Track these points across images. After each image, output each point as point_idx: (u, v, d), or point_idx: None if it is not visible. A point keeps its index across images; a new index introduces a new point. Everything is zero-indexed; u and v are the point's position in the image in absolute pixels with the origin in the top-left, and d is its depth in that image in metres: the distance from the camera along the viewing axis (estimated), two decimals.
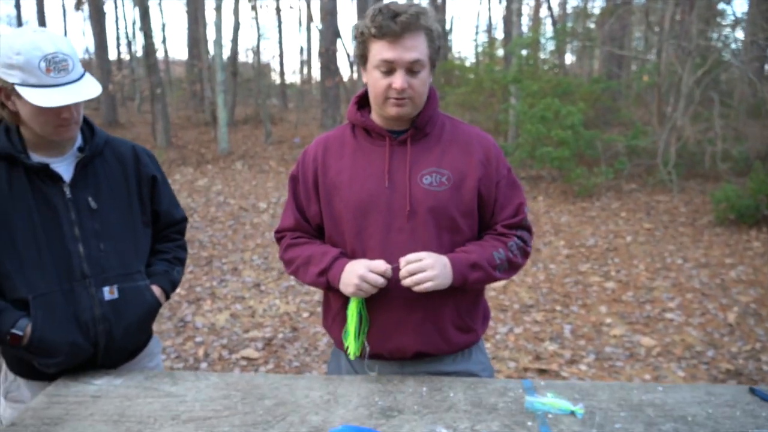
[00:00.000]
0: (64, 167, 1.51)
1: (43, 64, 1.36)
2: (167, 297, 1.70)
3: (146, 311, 1.60)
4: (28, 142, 1.48)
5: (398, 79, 1.38)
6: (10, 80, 1.36)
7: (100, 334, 1.51)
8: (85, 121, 1.58)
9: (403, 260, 1.40)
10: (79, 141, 1.56)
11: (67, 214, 1.49)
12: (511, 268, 1.52)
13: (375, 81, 1.42)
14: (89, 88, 1.44)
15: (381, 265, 1.41)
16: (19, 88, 1.36)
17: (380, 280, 1.40)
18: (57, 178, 1.48)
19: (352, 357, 1.50)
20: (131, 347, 1.63)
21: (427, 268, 1.38)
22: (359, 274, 1.40)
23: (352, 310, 1.47)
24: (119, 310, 1.54)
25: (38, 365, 1.49)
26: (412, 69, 1.38)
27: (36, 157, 1.48)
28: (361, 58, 1.45)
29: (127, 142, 1.68)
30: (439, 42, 1.43)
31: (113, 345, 1.54)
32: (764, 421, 1.27)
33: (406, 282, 1.39)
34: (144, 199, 1.66)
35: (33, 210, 1.46)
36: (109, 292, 1.52)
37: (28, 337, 1.42)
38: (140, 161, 1.65)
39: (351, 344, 1.48)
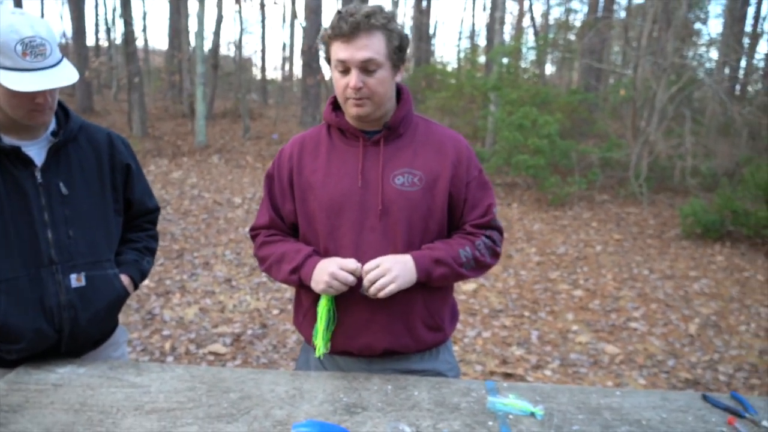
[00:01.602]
0: (36, 151, 1.49)
1: (19, 48, 1.33)
2: (136, 287, 1.68)
3: (113, 300, 1.59)
4: (1, 124, 1.45)
5: (353, 79, 1.40)
6: None
7: (65, 322, 1.50)
8: (61, 105, 1.56)
9: (363, 272, 1.42)
10: (53, 125, 1.54)
11: (37, 198, 1.46)
12: (478, 266, 1.54)
13: (336, 81, 1.46)
14: (66, 75, 1.42)
15: (351, 263, 1.43)
16: None
17: (350, 278, 1.42)
18: (28, 161, 1.46)
19: (318, 354, 1.52)
20: (96, 336, 1.62)
21: (386, 272, 1.40)
22: (330, 271, 1.42)
23: (322, 308, 1.49)
24: (86, 298, 1.52)
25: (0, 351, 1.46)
26: (366, 68, 1.40)
27: (7, 140, 1.46)
28: (328, 61, 1.48)
29: (102, 129, 1.66)
30: (401, 41, 1.44)
31: (78, 333, 1.53)
32: (713, 426, 1.33)
33: (370, 291, 1.41)
34: (117, 187, 1.64)
35: (2, 193, 1.43)
36: (77, 280, 1.51)
37: None
38: (115, 148, 1.63)
39: (319, 342, 1.50)
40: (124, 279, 1.63)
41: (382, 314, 1.49)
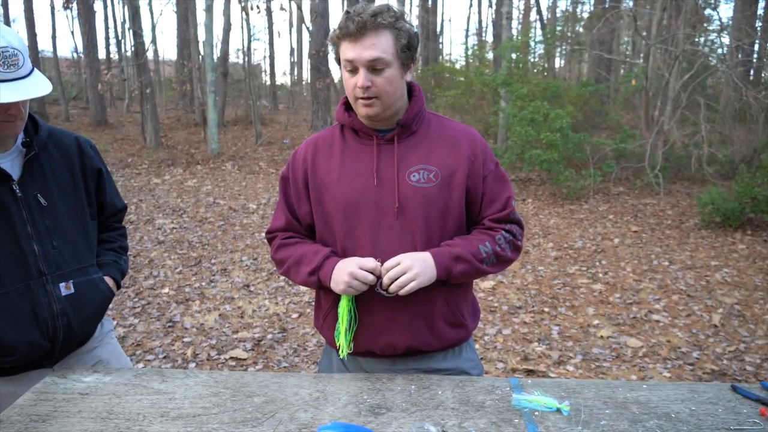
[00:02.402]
0: (9, 164, 1.48)
1: None
2: (118, 287, 1.72)
3: (101, 302, 1.62)
4: None
5: (360, 78, 1.40)
6: None
7: (59, 330, 1.52)
8: (28, 115, 1.54)
9: (383, 270, 1.42)
10: (21, 136, 1.52)
11: (18, 212, 1.46)
12: (499, 261, 1.53)
13: (345, 81, 1.46)
14: (39, 86, 1.40)
15: (370, 262, 1.42)
16: None
17: (370, 277, 1.41)
18: (6, 176, 1.45)
19: (342, 355, 1.51)
20: (85, 336, 1.66)
21: (406, 270, 1.39)
22: (349, 271, 1.41)
23: (343, 309, 1.48)
24: (76, 304, 1.54)
25: None
26: (374, 67, 1.40)
27: None
28: (338, 61, 1.48)
29: (69, 133, 1.65)
30: (410, 40, 1.44)
31: (71, 338, 1.56)
32: (745, 418, 1.30)
33: (391, 289, 1.41)
34: (90, 192, 1.65)
35: None
36: (66, 288, 1.52)
37: None
38: (85, 154, 1.63)
39: (342, 342, 1.49)
40: (108, 281, 1.66)
41: (404, 313, 1.49)
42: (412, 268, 1.40)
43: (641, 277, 5.21)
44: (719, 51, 10.81)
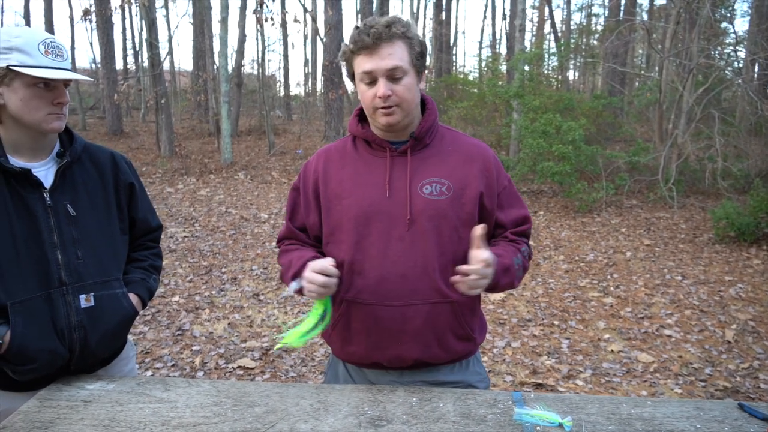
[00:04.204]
0: (44, 173, 1.50)
1: (42, 47, 1.40)
2: (144, 305, 1.68)
3: (122, 319, 1.59)
4: (7, 144, 1.47)
5: (381, 87, 1.42)
6: (5, 63, 1.37)
7: (75, 342, 1.50)
8: (65, 128, 1.57)
9: (472, 258, 1.37)
10: (57, 147, 1.56)
11: (46, 220, 1.47)
12: (523, 274, 1.55)
13: (362, 94, 1.47)
14: (81, 76, 1.51)
15: (319, 264, 1.41)
16: (16, 68, 1.37)
17: (320, 279, 1.39)
18: (38, 183, 1.47)
19: (279, 345, 1.52)
20: (105, 354, 1.62)
21: (487, 275, 1.37)
22: (305, 275, 1.42)
23: (315, 309, 1.48)
24: (95, 318, 1.52)
25: (12, 373, 1.46)
26: (393, 76, 1.42)
27: (16, 162, 1.47)
28: (351, 76, 1.50)
29: (105, 149, 1.67)
30: (422, 48, 1.46)
31: (87, 352, 1.53)
32: None
33: (461, 288, 1.37)
34: (122, 206, 1.65)
35: (12, 215, 1.43)
36: (86, 300, 1.51)
37: (7, 344, 1.40)
38: (119, 168, 1.65)
39: (293, 335, 1.46)
40: (133, 298, 1.62)
41: (412, 325, 1.48)
42: (488, 276, 1.37)
43: (653, 291, 5.15)
44: (735, 64, 10.74)
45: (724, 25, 11.95)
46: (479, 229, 1.37)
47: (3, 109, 1.44)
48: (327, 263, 1.41)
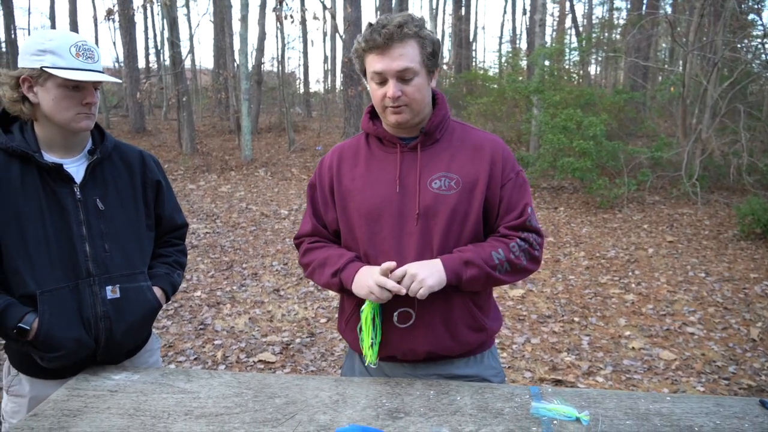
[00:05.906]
0: (75, 169, 1.57)
1: (73, 50, 1.47)
2: (167, 299, 1.74)
3: (147, 311, 1.64)
4: (42, 141, 1.55)
5: (390, 88, 1.43)
6: (39, 65, 1.45)
7: (100, 332, 1.55)
8: (96, 126, 1.64)
9: (391, 282, 1.42)
10: (89, 144, 1.63)
11: (76, 213, 1.54)
12: (514, 270, 1.51)
13: (373, 92, 1.48)
14: (111, 78, 1.57)
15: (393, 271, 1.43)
16: (49, 69, 1.44)
17: (390, 284, 1.41)
18: (69, 178, 1.54)
19: (368, 362, 1.51)
20: (130, 345, 1.67)
21: (415, 278, 1.40)
22: (375, 278, 1.42)
23: (366, 316, 1.49)
24: (120, 309, 1.58)
25: (40, 360, 1.52)
26: (403, 77, 1.42)
27: (49, 157, 1.54)
28: (363, 73, 1.51)
29: (134, 147, 1.74)
30: (434, 47, 1.46)
31: (113, 343, 1.58)
32: None
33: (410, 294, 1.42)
34: (149, 203, 1.71)
35: (44, 208, 1.50)
36: (112, 291, 1.57)
37: (35, 331, 1.46)
38: (147, 166, 1.72)
39: (366, 351, 1.50)
40: (157, 291, 1.68)
41: (423, 318, 1.50)
42: (417, 275, 1.41)
43: (676, 288, 5.08)
44: (762, 57, 10.50)
45: (751, 17, 11.68)
46: (390, 264, 1.41)
47: (38, 108, 1.51)
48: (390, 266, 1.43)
